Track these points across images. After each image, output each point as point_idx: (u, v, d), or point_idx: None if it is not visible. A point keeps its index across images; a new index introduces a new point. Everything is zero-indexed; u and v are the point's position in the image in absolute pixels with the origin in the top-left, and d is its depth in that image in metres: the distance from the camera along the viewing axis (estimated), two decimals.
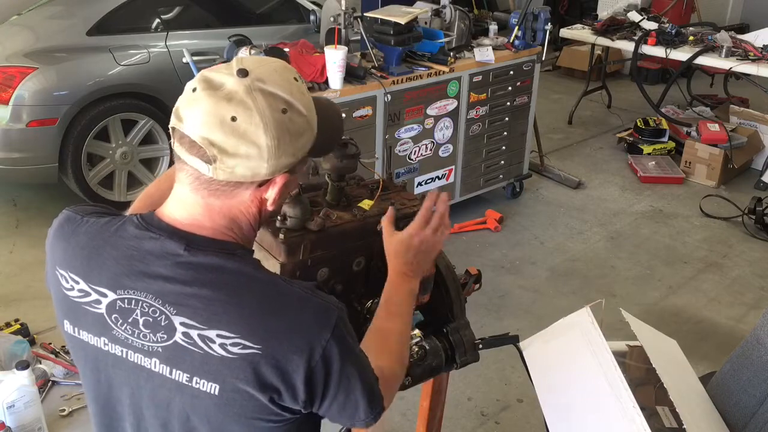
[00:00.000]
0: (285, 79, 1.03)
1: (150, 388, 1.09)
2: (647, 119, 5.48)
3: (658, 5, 6.82)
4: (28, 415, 2.61)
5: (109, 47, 4.14)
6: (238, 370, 1.02)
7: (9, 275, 3.71)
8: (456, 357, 1.67)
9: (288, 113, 1.02)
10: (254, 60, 1.05)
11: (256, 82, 1.00)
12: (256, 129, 0.99)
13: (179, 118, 1.01)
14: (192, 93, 1.01)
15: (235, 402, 1.04)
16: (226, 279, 1.04)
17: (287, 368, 1.03)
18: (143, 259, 1.06)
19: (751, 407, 1.86)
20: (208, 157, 0.99)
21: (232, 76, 1.00)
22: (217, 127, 0.98)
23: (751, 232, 4.36)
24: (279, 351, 1.02)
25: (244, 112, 0.98)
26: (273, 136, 1.00)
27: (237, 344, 1.01)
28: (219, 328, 1.02)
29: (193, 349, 1.03)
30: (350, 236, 1.62)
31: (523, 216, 4.51)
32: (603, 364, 1.66)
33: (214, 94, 0.99)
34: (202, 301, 1.03)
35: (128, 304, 1.06)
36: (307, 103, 1.05)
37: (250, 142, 0.99)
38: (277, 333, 1.03)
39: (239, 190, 1.04)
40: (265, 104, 1.00)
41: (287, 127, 1.01)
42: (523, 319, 3.42)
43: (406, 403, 2.82)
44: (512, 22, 4.22)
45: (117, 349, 1.08)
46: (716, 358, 2.91)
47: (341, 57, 3.34)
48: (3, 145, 3.92)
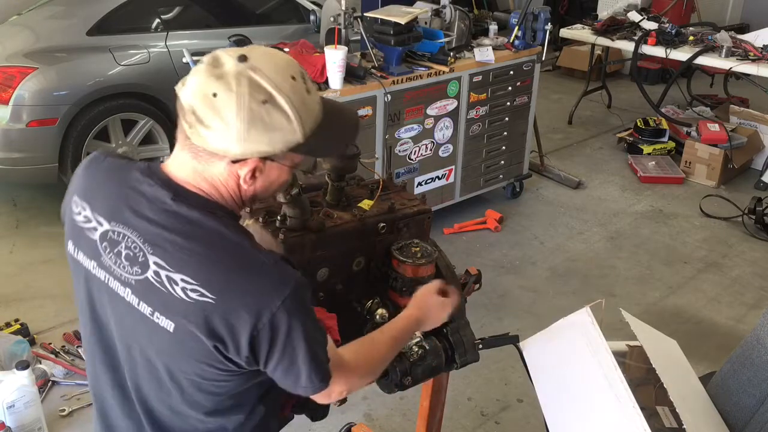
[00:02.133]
0: (280, 75, 1.11)
1: (121, 313, 1.21)
2: (647, 119, 5.48)
3: (658, 5, 6.82)
4: (28, 415, 2.61)
5: (109, 47, 4.14)
6: (192, 315, 1.12)
7: (9, 275, 3.71)
8: (456, 357, 1.68)
9: (267, 105, 1.09)
10: (263, 51, 1.14)
11: (248, 69, 1.09)
12: (230, 109, 1.08)
13: (183, 83, 1.13)
14: (200, 65, 1.13)
15: (185, 342, 1.14)
16: (200, 233, 1.15)
17: (235, 324, 1.12)
18: (137, 201, 1.18)
19: (751, 407, 1.86)
20: (189, 122, 1.11)
21: (233, 58, 1.10)
22: (200, 97, 1.09)
23: (751, 232, 4.36)
24: (230, 306, 1.12)
25: (225, 91, 1.08)
26: (243, 120, 1.08)
27: (196, 291, 1.12)
28: (184, 273, 1.13)
29: (159, 287, 1.14)
30: (350, 236, 1.62)
31: (523, 216, 4.51)
32: (603, 364, 1.66)
33: (211, 70, 1.10)
34: (175, 247, 1.14)
35: (117, 236, 1.18)
36: (298, 102, 1.11)
37: (221, 119, 1.08)
38: (233, 289, 1.12)
39: (214, 159, 1.14)
40: (246, 91, 1.08)
41: (261, 117, 1.09)
42: (523, 319, 3.42)
43: (406, 403, 2.82)
44: (512, 22, 4.22)
45: (102, 273, 1.22)
46: (716, 358, 2.91)
47: (341, 57, 3.34)
48: (3, 145, 3.92)
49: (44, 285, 3.62)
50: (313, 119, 1.15)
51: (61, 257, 3.89)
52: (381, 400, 2.83)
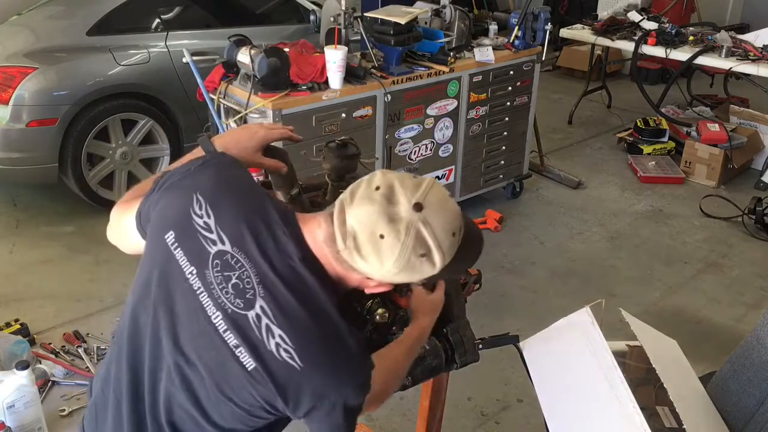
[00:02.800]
0: (446, 232, 1.16)
1: (197, 330, 1.22)
2: (647, 119, 5.47)
3: (658, 5, 6.81)
4: (28, 415, 2.61)
5: (109, 47, 4.13)
6: (274, 370, 1.18)
7: (9, 275, 3.71)
8: (456, 357, 1.67)
9: (423, 258, 1.15)
10: (438, 200, 1.17)
11: (420, 222, 1.13)
12: (390, 255, 1.13)
13: (353, 196, 1.17)
14: (374, 191, 1.15)
15: (255, 384, 1.19)
16: (312, 302, 1.20)
17: (305, 394, 1.19)
18: (266, 240, 1.20)
19: (751, 407, 1.86)
20: (345, 243, 1.15)
21: (409, 203, 1.13)
22: (366, 231, 1.13)
23: (751, 232, 4.36)
24: (309, 380, 1.18)
25: (393, 238, 1.12)
26: (398, 267, 1.14)
27: (288, 352, 1.17)
28: (284, 331, 1.17)
29: (255, 330, 1.18)
30: None
31: (523, 216, 4.51)
32: (603, 364, 1.66)
33: (386, 208, 1.13)
34: (286, 304, 1.18)
35: (234, 262, 1.20)
36: (448, 255, 1.17)
37: (379, 260, 1.14)
38: (318, 367, 1.19)
39: (352, 272, 1.20)
40: (412, 244, 1.13)
41: (414, 267, 1.15)
42: (523, 319, 3.42)
43: (406, 403, 2.82)
44: (512, 22, 4.21)
45: (197, 284, 1.21)
46: (716, 358, 2.91)
47: (341, 57, 3.34)
48: (3, 145, 3.92)
49: (44, 285, 3.62)
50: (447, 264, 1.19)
51: (61, 257, 3.92)
52: None
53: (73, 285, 3.62)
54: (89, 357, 3.08)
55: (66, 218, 4.24)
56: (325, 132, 3.44)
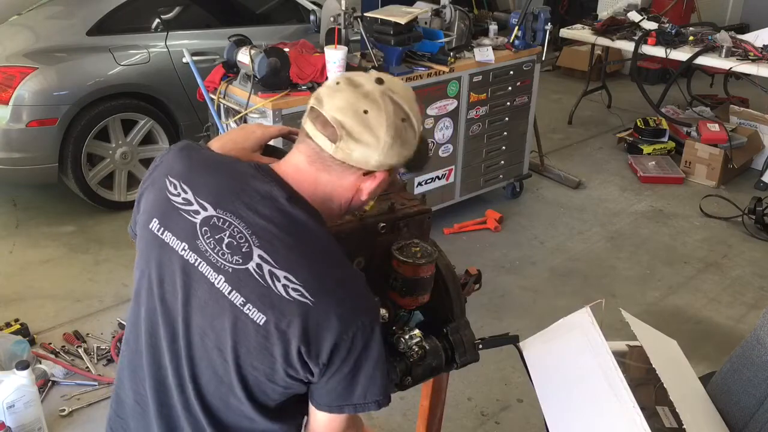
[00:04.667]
0: (409, 98, 1.24)
1: (204, 299, 1.23)
2: (647, 119, 5.48)
3: (658, 5, 6.82)
4: (28, 415, 2.61)
5: (109, 47, 4.14)
6: (288, 312, 1.17)
7: (9, 275, 3.71)
8: (456, 357, 1.67)
9: (405, 122, 1.22)
10: (388, 76, 1.26)
11: (388, 90, 1.21)
12: (381, 125, 1.19)
13: (319, 100, 1.21)
14: (336, 85, 1.22)
15: (269, 337, 1.18)
16: (308, 237, 1.22)
17: (324, 329, 1.17)
18: (249, 195, 1.22)
19: (751, 407, 1.86)
20: (336, 136, 1.19)
21: (370, 81, 1.22)
22: (351, 114, 1.18)
23: (751, 232, 4.36)
24: (326, 311, 1.17)
25: (375, 109, 1.19)
26: (391, 135, 1.20)
27: (297, 290, 1.17)
28: (288, 271, 1.18)
29: (259, 280, 1.18)
30: (350, 236, 1.61)
31: (523, 216, 4.51)
32: (603, 364, 1.66)
33: (355, 90, 1.20)
34: (283, 245, 1.19)
35: (221, 223, 1.22)
36: (419, 123, 1.26)
37: (373, 134, 1.19)
38: (331, 297, 1.19)
39: (347, 173, 1.23)
40: (392, 109, 1.20)
41: (401, 133, 1.21)
42: (523, 319, 3.42)
43: (406, 403, 2.82)
44: (512, 22, 4.22)
45: (192, 256, 1.23)
46: (716, 358, 2.91)
47: (341, 57, 3.34)
48: (3, 145, 3.92)
49: (44, 285, 3.62)
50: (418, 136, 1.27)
51: (61, 257, 3.92)
52: None
53: (73, 285, 3.62)
54: (89, 357, 3.08)
55: (66, 218, 4.24)
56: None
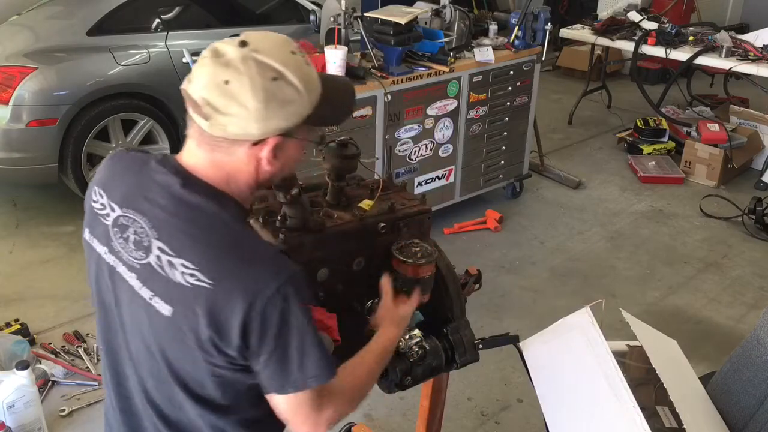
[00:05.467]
0: (282, 52, 1.15)
1: (128, 299, 1.24)
2: (647, 119, 5.48)
3: (658, 5, 6.81)
4: (28, 415, 2.61)
5: (109, 47, 4.14)
6: (190, 300, 1.14)
7: (9, 275, 3.71)
8: (456, 357, 1.67)
9: (278, 81, 1.13)
10: (258, 34, 1.17)
11: (251, 52, 1.13)
12: (245, 92, 1.11)
13: (189, 80, 1.16)
14: (201, 59, 1.16)
15: (181, 329, 1.16)
16: (203, 219, 1.18)
17: (228, 310, 1.13)
18: (149, 188, 1.21)
19: (751, 407, 1.86)
20: (205, 114, 1.13)
21: (234, 47, 1.13)
22: (213, 88, 1.12)
23: (751, 232, 4.36)
24: (225, 292, 1.13)
25: (236, 76, 1.11)
26: (260, 99, 1.11)
27: (194, 275, 1.14)
28: (184, 257, 1.15)
29: (160, 271, 1.17)
30: (350, 236, 1.62)
31: (523, 216, 4.51)
32: (603, 364, 1.66)
33: (216, 60, 1.13)
34: (178, 231, 1.17)
35: (127, 221, 1.22)
36: (302, 75, 1.16)
37: (239, 103, 1.11)
38: (229, 275, 1.14)
39: (235, 147, 1.17)
40: (256, 71, 1.12)
41: (275, 93, 1.13)
42: (523, 319, 3.42)
43: (406, 403, 2.82)
44: (512, 22, 4.22)
45: (111, 258, 1.25)
46: (716, 358, 2.91)
47: (341, 57, 3.34)
48: (3, 145, 3.92)
49: (44, 285, 3.62)
50: (316, 89, 1.19)
51: (61, 257, 3.92)
52: (381, 400, 2.83)
53: (73, 285, 3.62)
54: (89, 357, 3.08)
55: (66, 218, 4.24)
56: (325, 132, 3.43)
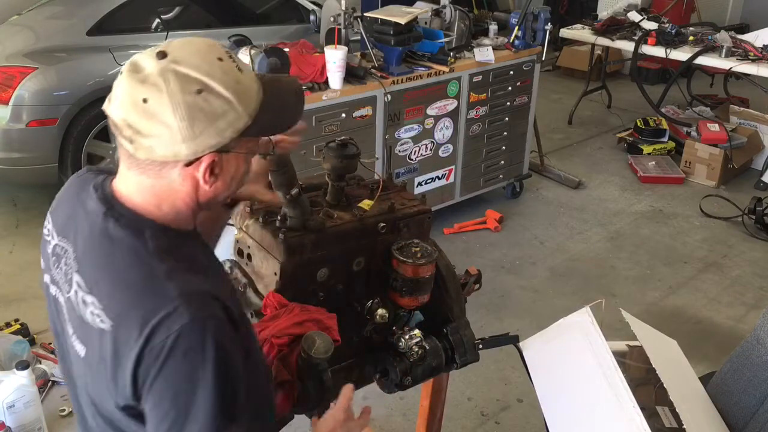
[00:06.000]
0: (205, 60, 1.03)
1: (63, 330, 1.16)
2: (647, 119, 5.47)
3: (658, 5, 6.82)
4: (28, 415, 2.61)
5: (109, 47, 4.14)
6: (96, 342, 1.06)
7: (9, 275, 3.71)
8: (456, 357, 1.68)
9: (203, 94, 1.01)
10: (180, 42, 1.06)
11: (171, 63, 1.01)
12: (165, 110, 1.00)
13: (109, 99, 1.05)
14: (120, 76, 1.04)
15: (92, 368, 1.08)
16: (118, 253, 1.07)
17: (123, 356, 1.02)
18: (80, 216, 1.13)
19: (751, 407, 1.86)
20: (127, 137, 1.02)
21: (152, 58, 1.02)
22: (131, 108, 1.01)
23: (751, 232, 4.36)
24: (123, 336, 1.02)
25: (155, 93, 1.00)
26: (183, 117, 1.00)
27: (99, 316, 1.05)
28: (94, 294, 1.07)
29: (76, 308, 1.09)
30: (350, 236, 1.62)
31: (523, 216, 4.51)
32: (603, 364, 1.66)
33: (133, 76, 1.02)
34: (93, 266, 1.08)
35: (60, 251, 1.14)
36: (232, 83, 1.04)
37: (161, 123, 1.00)
38: (126, 318, 1.03)
39: (166, 169, 1.05)
40: (177, 86, 1.00)
41: (200, 107, 1.01)
42: (523, 319, 3.42)
43: (406, 403, 2.82)
44: (512, 22, 4.22)
45: (53, 288, 1.17)
46: (716, 358, 2.91)
47: (341, 57, 3.34)
48: (3, 145, 3.92)
49: None
50: (253, 97, 1.07)
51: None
52: (381, 400, 2.83)
53: None
54: None
55: None
56: (325, 132, 3.44)
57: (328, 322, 1.51)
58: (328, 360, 1.40)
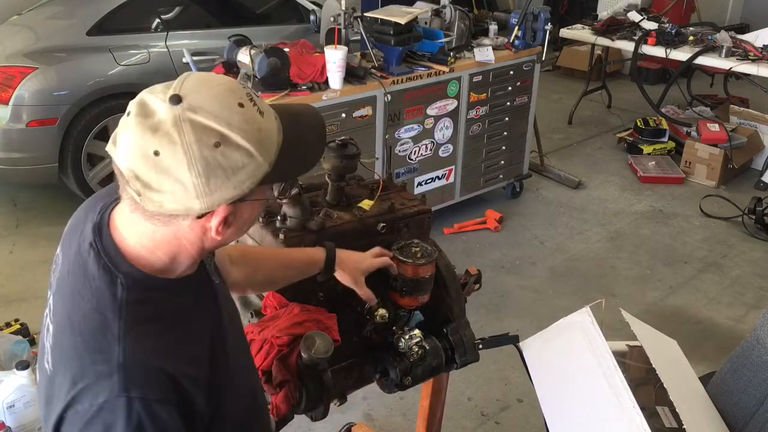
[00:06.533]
0: (226, 107, 0.93)
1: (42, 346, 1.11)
2: (647, 119, 5.48)
3: (658, 5, 6.82)
4: (28, 415, 2.61)
5: (109, 47, 4.14)
6: (43, 375, 1.03)
7: (9, 275, 3.71)
8: (456, 357, 1.68)
9: (221, 147, 0.92)
10: (196, 81, 0.95)
11: (187, 111, 0.91)
12: (179, 165, 0.90)
13: (114, 143, 0.95)
14: (126, 117, 0.94)
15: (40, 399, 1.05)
16: (85, 291, 1.00)
17: (51, 410, 0.97)
18: (77, 232, 1.07)
19: (751, 407, 1.86)
20: (135, 190, 0.93)
21: (165, 102, 0.91)
22: (141, 159, 0.91)
23: (751, 232, 4.36)
24: (55, 388, 0.98)
25: (168, 146, 0.90)
26: (199, 173, 0.91)
27: (47, 353, 1.01)
28: (53, 326, 1.02)
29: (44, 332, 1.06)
30: (350, 236, 1.62)
31: (523, 216, 4.51)
32: (603, 364, 1.66)
33: (143, 122, 0.91)
34: (62, 295, 1.04)
35: (56, 260, 1.11)
36: (252, 131, 0.94)
37: (174, 179, 0.91)
38: (64, 370, 0.97)
39: (176, 220, 0.97)
40: (193, 138, 0.90)
41: (219, 162, 0.92)
42: (523, 319, 3.42)
43: (406, 403, 2.82)
44: (512, 22, 4.22)
45: (49, 293, 1.11)
46: (716, 358, 2.91)
47: (341, 57, 3.34)
48: (3, 145, 3.92)
49: (44, 285, 3.58)
50: (274, 142, 0.98)
51: None
52: (381, 400, 2.83)
53: None
54: None
55: (66, 218, 4.18)
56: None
57: (328, 322, 1.51)
58: (328, 360, 1.40)
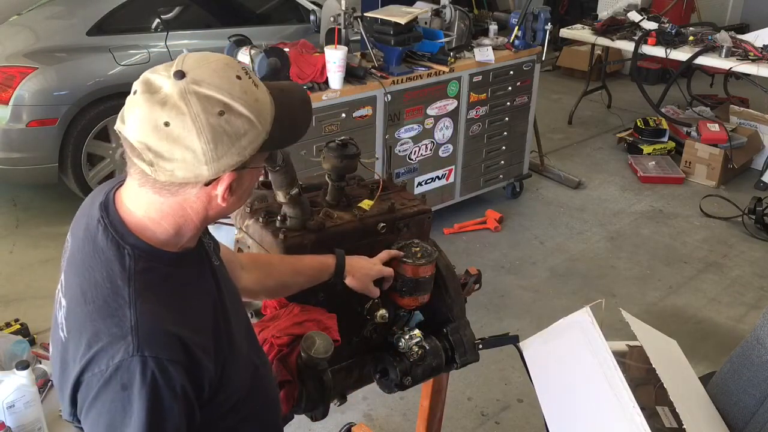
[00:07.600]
0: (225, 79, 1.01)
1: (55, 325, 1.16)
2: (647, 119, 5.48)
3: (658, 5, 6.82)
4: (28, 415, 2.60)
5: (109, 47, 4.14)
6: (58, 345, 1.08)
7: (9, 275, 3.71)
8: (456, 357, 1.68)
9: (225, 115, 1.00)
10: (195, 59, 1.03)
11: (191, 84, 0.99)
12: (189, 134, 0.98)
13: (122, 120, 1.02)
14: (133, 96, 1.01)
15: (55, 373, 1.11)
16: (96, 263, 1.06)
17: (68, 374, 1.04)
18: (84, 216, 1.14)
19: (751, 407, 1.86)
20: (147, 161, 1.00)
21: (169, 78, 0.99)
22: (151, 131, 0.98)
23: (751, 232, 4.36)
24: (71, 351, 1.04)
25: (177, 116, 0.98)
26: (207, 140, 0.99)
27: (62, 323, 1.07)
28: (66, 299, 1.08)
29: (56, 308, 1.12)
30: (350, 236, 1.62)
31: (523, 216, 4.51)
32: (603, 364, 1.66)
33: (150, 98, 0.99)
34: (74, 270, 1.10)
35: (66, 245, 1.17)
36: (250, 101, 1.02)
37: (185, 147, 0.98)
38: (78, 336, 1.03)
39: (185, 188, 1.04)
40: (200, 108, 0.98)
41: (224, 129, 1.00)
42: (523, 319, 3.42)
43: (406, 403, 2.82)
44: (512, 22, 4.22)
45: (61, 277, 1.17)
46: (716, 358, 2.91)
47: (341, 57, 3.34)
48: (3, 145, 3.92)
49: (44, 285, 3.61)
50: (269, 112, 1.06)
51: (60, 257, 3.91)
52: (381, 400, 2.83)
53: None
54: None
55: (66, 218, 4.20)
56: (325, 132, 3.44)
57: (328, 322, 1.51)
58: (328, 360, 1.40)
